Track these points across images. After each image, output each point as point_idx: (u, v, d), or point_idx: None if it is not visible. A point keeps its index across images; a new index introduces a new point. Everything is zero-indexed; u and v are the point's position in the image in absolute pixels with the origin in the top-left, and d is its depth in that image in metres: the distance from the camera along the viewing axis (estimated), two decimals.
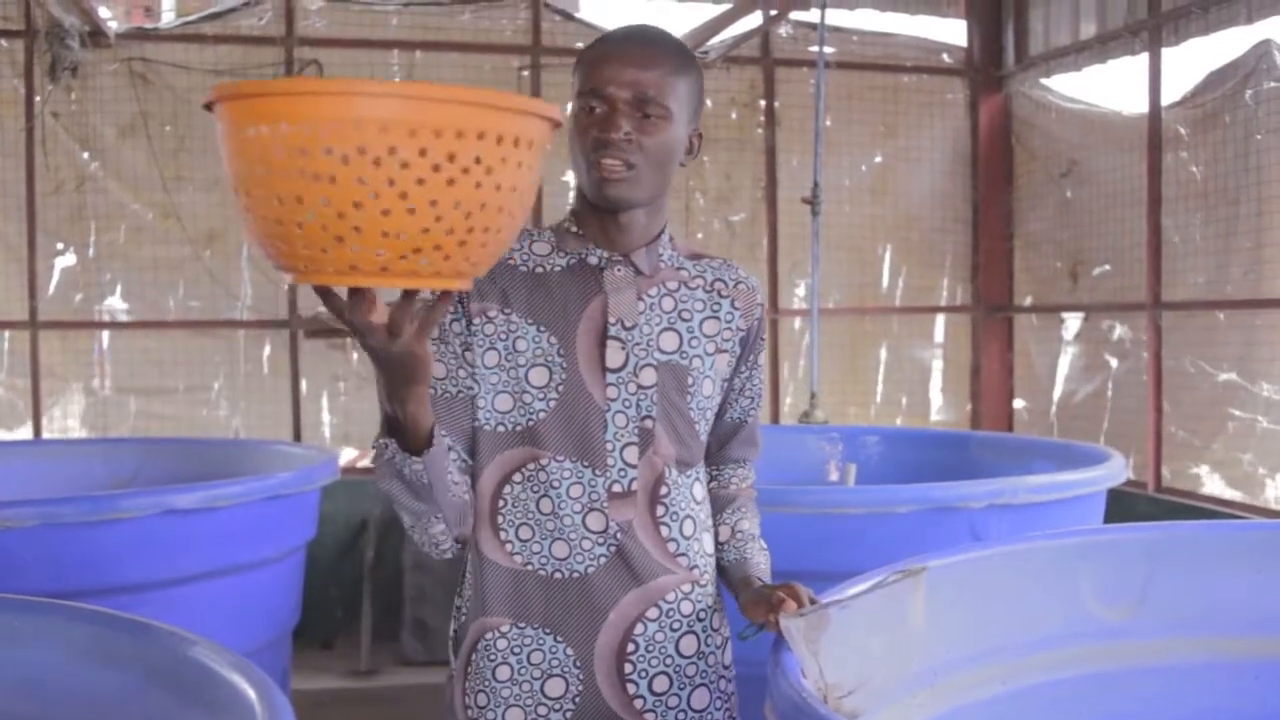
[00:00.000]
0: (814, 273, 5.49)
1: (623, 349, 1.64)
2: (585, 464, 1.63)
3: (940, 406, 6.67)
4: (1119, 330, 5.63)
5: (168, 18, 6.61)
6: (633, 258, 1.67)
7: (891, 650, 1.46)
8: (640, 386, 1.64)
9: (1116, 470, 3.46)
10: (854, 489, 4.15)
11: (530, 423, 1.63)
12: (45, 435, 5.55)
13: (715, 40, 5.92)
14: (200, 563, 3.25)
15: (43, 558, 2.95)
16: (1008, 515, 3.06)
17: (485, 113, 1.18)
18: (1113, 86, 5.89)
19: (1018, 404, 6.48)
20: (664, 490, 1.66)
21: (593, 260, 1.67)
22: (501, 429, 1.64)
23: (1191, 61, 5.28)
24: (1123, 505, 4.47)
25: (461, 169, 1.16)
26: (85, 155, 5.56)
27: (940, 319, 6.69)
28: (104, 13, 5.54)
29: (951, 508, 3.04)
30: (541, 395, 1.63)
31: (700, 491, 1.73)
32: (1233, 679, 2.14)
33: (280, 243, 1.20)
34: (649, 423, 1.64)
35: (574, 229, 1.69)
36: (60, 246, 5.60)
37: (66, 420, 5.65)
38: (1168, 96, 5.23)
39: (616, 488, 1.63)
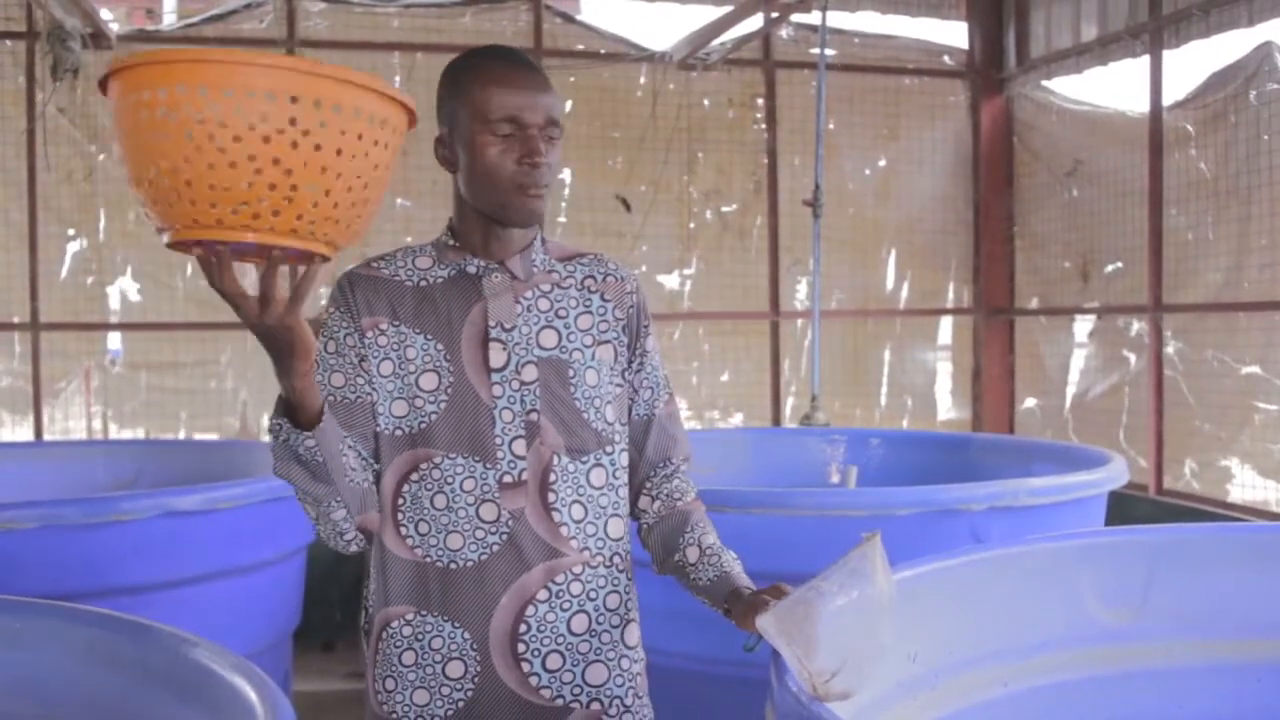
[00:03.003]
0: (815, 276, 5.49)
1: (504, 349, 1.74)
2: (476, 459, 1.72)
3: (945, 409, 6.68)
4: (1136, 326, 5.62)
5: (169, 19, 6.60)
6: (508, 264, 1.78)
7: (864, 621, 1.47)
8: (523, 383, 1.74)
9: (1118, 473, 3.46)
10: (855, 491, 4.15)
11: (423, 425, 1.73)
12: (55, 416, 5.59)
13: (716, 42, 5.92)
14: (201, 564, 3.25)
15: (44, 559, 2.95)
16: (1009, 517, 3.05)
17: (297, 77, 1.33)
18: (1114, 89, 5.90)
19: (1030, 403, 6.48)
20: (552, 478, 1.74)
21: (471, 269, 1.77)
22: (400, 432, 1.74)
23: (1193, 63, 5.29)
24: (1124, 508, 4.47)
25: (276, 129, 1.31)
26: (92, 147, 5.58)
27: (945, 321, 6.69)
28: (105, 14, 5.54)
29: (953, 510, 3.04)
30: (432, 398, 1.73)
31: (601, 478, 1.78)
32: (1234, 681, 2.14)
33: (146, 203, 1.37)
34: (534, 415, 1.74)
35: (451, 242, 1.80)
36: (72, 232, 5.64)
37: (74, 400, 5.69)
38: (1171, 97, 5.24)
39: (507, 478, 1.72)
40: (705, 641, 2.51)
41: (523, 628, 1.73)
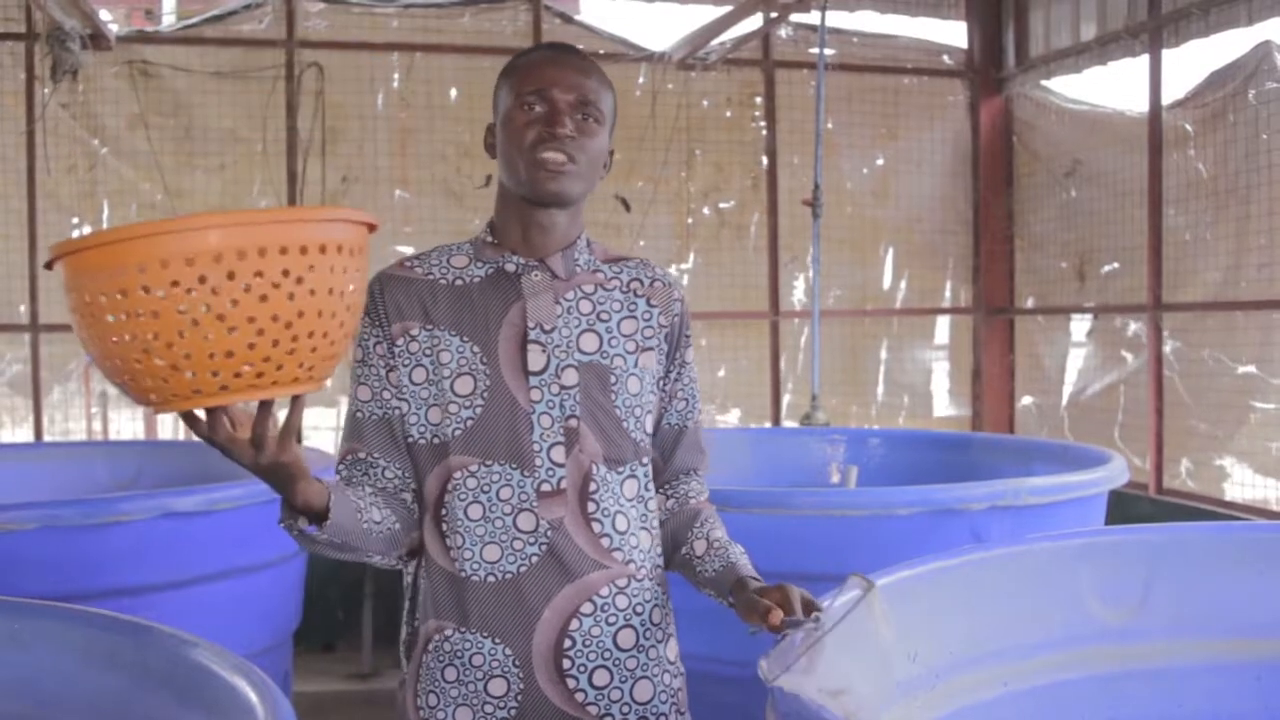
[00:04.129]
0: (815, 275, 5.49)
1: (543, 352, 1.68)
2: (514, 466, 1.66)
3: (943, 408, 6.68)
4: (1133, 326, 5.63)
5: (168, 20, 6.61)
6: (549, 262, 1.72)
7: (868, 663, 1.47)
8: (563, 387, 1.68)
9: (1117, 472, 3.46)
10: (856, 491, 4.15)
11: (458, 431, 1.67)
12: (55, 418, 5.59)
13: (715, 42, 5.92)
14: (201, 565, 3.25)
15: (44, 560, 2.95)
16: (1009, 517, 3.05)
17: (279, 229, 1.27)
18: (1113, 88, 5.90)
19: (1027, 402, 6.48)
20: (593, 487, 1.69)
21: (510, 267, 1.71)
22: (437, 440, 1.69)
23: (1192, 62, 5.29)
24: (1124, 507, 4.47)
25: (272, 284, 1.25)
26: (95, 141, 5.59)
27: (943, 321, 6.69)
28: (104, 15, 5.54)
29: (953, 510, 3.04)
30: (468, 403, 1.67)
31: (634, 489, 1.74)
32: (1234, 680, 2.14)
33: (128, 379, 1.30)
34: (574, 422, 1.68)
35: (490, 239, 1.74)
36: (75, 220, 5.65)
37: (74, 401, 5.69)
38: (1170, 96, 5.24)
39: (545, 487, 1.67)
40: (704, 640, 2.51)
41: (568, 643, 1.67)
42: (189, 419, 1.36)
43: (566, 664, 1.67)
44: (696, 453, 1.86)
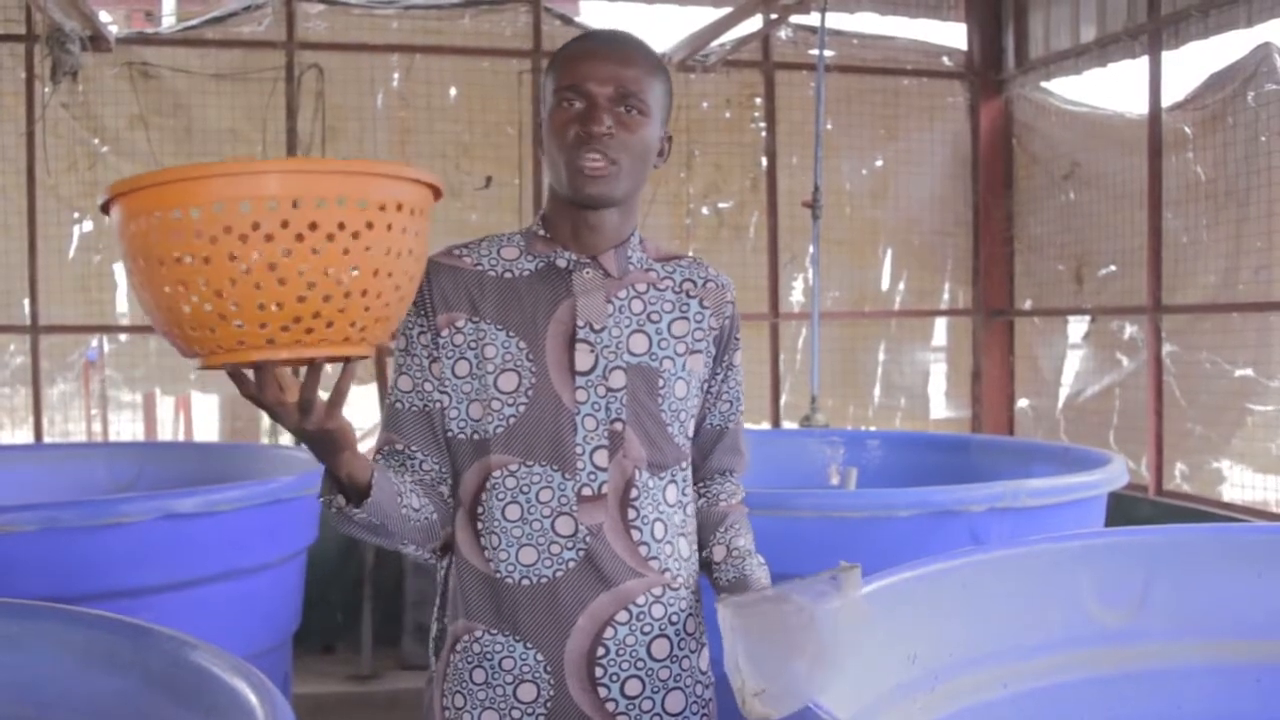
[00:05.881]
0: (815, 277, 5.49)
1: (591, 351, 1.63)
2: (555, 468, 1.62)
3: (942, 410, 6.68)
4: (1130, 329, 5.63)
5: (168, 22, 6.61)
6: (601, 260, 1.67)
7: (817, 650, 1.44)
8: (610, 389, 1.64)
9: (1117, 474, 3.46)
10: (855, 493, 4.14)
11: (499, 429, 1.63)
12: (55, 419, 5.60)
13: (715, 44, 5.93)
14: (201, 567, 3.25)
15: (44, 562, 2.95)
16: (1008, 519, 3.05)
17: (340, 179, 1.23)
18: (1113, 90, 5.91)
19: (1023, 404, 6.49)
20: (634, 493, 1.64)
21: (561, 263, 1.66)
22: (477, 436, 1.65)
23: (1191, 64, 5.29)
24: (1123, 508, 4.47)
25: (326, 236, 1.21)
26: (96, 140, 5.59)
27: (942, 322, 6.70)
28: (104, 17, 5.54)
29: (952, 511, 3.04)
30: (511, 400, 1.63)
31: (674, 495, 1.70)
32: (1233, 682, 2.14)
33: (175, 328, 1.27)
34: (619, 425, 1.64)
35: (542, 232, 1.69)
36: (76, 215, 5.65)
37: (73, 402, 5.71)
38: (1169, 98, 5.24)
39: (586, 491, 1.62)
40: None
41: (600, 651, 1.63)
42: (237, 378, 1.32)
43: (599, 672, 1.64)
44: (734, 454, 1.82)
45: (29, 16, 5.35)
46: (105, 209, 1.29)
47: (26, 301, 5.51)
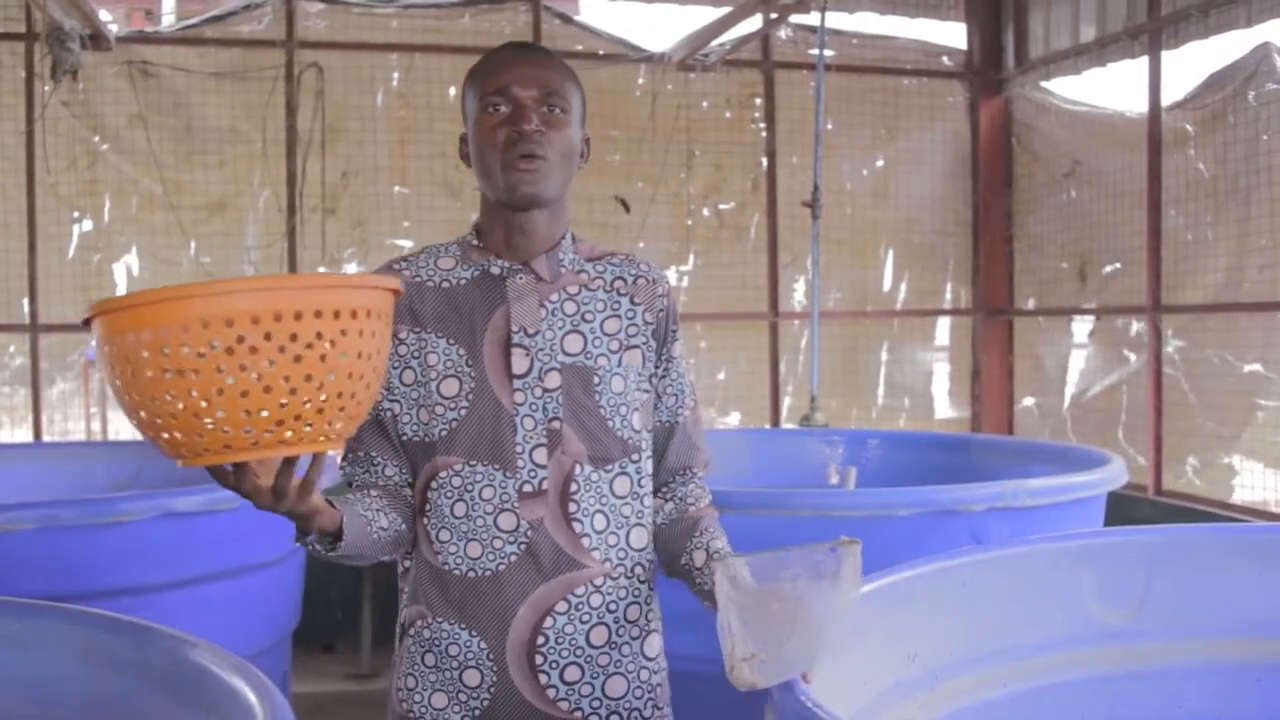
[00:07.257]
0: (815, 276, 5.49)
1: (527, 355, 1.71)
2: (496, 467, 1.70)
3: (943, 409, 6.68)
4: (1136, 326, 5.63)
5: (168, 20, 6.60)
6: (534, 265, 1.74)
7: (811, 621, 1.45)
8: (546, 390, 1.71)
9: (1116, 473, 3.46)
10: (854, 492, 4.15)
11: (443, 432, 1.71)
12: (54, 418, 5.60)
13: (715, 43, 5.93)
14: (200, 566, 3.25)
15: (43, 561, 2.95)
16: (1008, 518, 3.05)
17: (316, 294, 1.32)
18: (1113, 89, 5.91)
19: (1029, 402, 6.48)
20: (574, 488, 1.71)
21: (495, 270, 1.74)
22: (426, 439, 1.73)
23: (1191, 64, 5.29)
24: (1123, 508, 4.47)
25: (305, 345, 1.30)
26: (96, 138, 5.59)
27: (943, 322, 6.70)
28: (104, 15, 5.54)
29: (952, 511, 3.04)
30: (453, 405, 1.71)
31: (625, 487, 1.75)
32: (1233, 681, 2.14)
33: (161, 433, 1.33)
34: (556, 424, 1.71)
35: (476, 241, 1.77)
36: (76, 214, 5.65)
37: (73, 401, 5.69)
38: (1169, 98, 5.24)
39: (527, 488, 1.70)
40: (700, 642, 2.50)
41: (540, 639, 1.71)
42: (216, 472, 1.40)
43: (539, 659, 1.71)
44: (691, 451, 1.86)
45: (29, 15, 5.35)
46: (86, 324, 1.37)
47: (26, 300, 5.51)
